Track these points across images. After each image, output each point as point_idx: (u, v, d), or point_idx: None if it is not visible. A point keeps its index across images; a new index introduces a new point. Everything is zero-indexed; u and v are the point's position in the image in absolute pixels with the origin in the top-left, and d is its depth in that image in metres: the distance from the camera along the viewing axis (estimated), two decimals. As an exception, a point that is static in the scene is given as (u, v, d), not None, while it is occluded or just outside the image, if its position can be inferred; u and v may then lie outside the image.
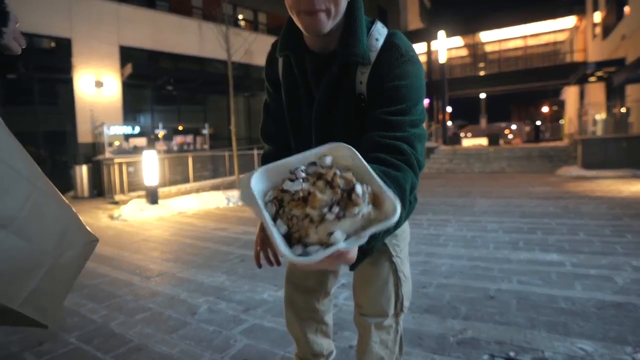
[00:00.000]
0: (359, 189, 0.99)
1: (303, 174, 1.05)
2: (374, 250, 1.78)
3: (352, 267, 1.90)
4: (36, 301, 1.34)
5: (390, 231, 1.62)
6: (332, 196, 0.99)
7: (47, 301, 1.40)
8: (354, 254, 1.04)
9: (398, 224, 1.68)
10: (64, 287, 1.51)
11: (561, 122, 52.79)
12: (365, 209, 0.99)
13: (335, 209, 0.96)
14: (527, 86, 39.58)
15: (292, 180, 1.04)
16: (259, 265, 1.99)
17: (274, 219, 1.02)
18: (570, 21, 36.87)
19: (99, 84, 19.70)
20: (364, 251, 1.38)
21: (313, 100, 1.80)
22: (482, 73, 43.32)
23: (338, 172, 1.04)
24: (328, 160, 1.10)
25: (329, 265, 1.02)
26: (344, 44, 1.66)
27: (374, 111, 1.60)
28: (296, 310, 2.42)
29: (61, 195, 1.49)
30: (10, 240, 1.26)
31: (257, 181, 1.08)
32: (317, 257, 0.91)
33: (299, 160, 1.11)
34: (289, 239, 0.99)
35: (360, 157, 1.09)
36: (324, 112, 1.77)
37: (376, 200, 1.02)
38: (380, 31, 1.78)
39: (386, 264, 2.01)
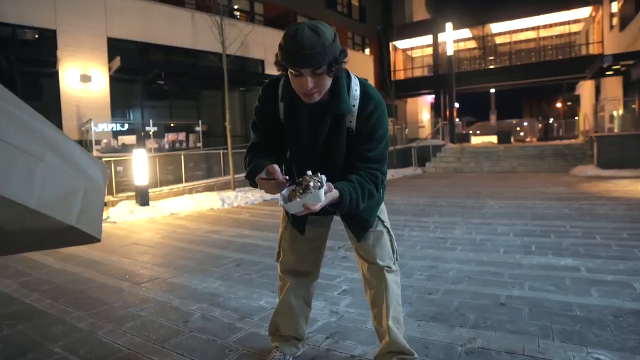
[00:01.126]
0: (310, 185, 2.28)
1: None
2: (338, 213, 2.80)
3: (359, 239, 3.05)
4: (85, 217, 1.66)
5: (338, 207, 2.53)
6: (302, 188, 2.31)
7: (92, 217, 1.72)
8: (315, 208, 2.28)
9: (355, 207, 2.59)
10: (98, 207, 1.84)
11: (576, 118, 52.90)
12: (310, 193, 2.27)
13: (300, 191, 2.30)
14: (540, 80, 39.54)
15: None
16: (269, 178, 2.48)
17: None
18: (585, 11, 36.88)
19: (85, 78, 19.63)
20: (333, 211, 2.67)
21: (315, 134, 2.71)
22: (491, 66, 43.33)
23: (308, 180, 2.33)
24: (307, 176, 2.36)
25: (301, 208, 2.29)
26: (334, 102, 2.60)
27: (358, 146, 2.69)
28: (295, 293, 3.33)
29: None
30: (58, 162, 1.60)
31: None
32: (295, 202, 2.30)
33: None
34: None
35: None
36: (325, 143, 2.73)
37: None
38: (355, 82, 2.73)
39: (383, 230, 3.12)
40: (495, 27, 42.28)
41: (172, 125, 22.47)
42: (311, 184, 2.29)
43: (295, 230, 3.15)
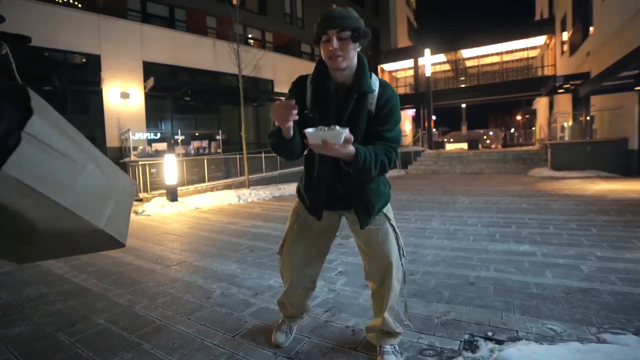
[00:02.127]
0: (337, 127, 2.19)
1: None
2: (352, 172, 2.44)
3: (362, 225, 2.81)
4: (114, 222, 1.61)
5: (352, 164, 2.37)
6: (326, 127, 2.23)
7: (119, 224, 1.66)
8: (332, 147, 2.18)
9: (367, 171, 2.43)
10: (126, 216, 1.78)
11: (533, 128, 52.87)
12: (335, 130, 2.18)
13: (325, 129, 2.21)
14: (503, 97, 39.46)
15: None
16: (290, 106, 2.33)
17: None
18: (541, 40, 36.82)
19: (124, 95, 19.78)
20: (352, 165, 2.37)
21: (340, 112, 2.60)
22: (462, 85, 43.19)
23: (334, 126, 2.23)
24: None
25: (320, 141, 2.17)
26: (358, 81, 2.57)
27: (376, 127, 2.58)
28: (299, 285, 3.13)
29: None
30: (97, 172, 1.57)
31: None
32: (316, 133, 2.19)
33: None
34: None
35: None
36: (348, 120, 2.58)
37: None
38: (374, 77, 2.69)
39: (389, 227, 2.90)
40: (465, 53, 42.22)
41: (196, 134, 22.52)
42: (337, 127, 2.19)
43: (303, 224, 2.99)
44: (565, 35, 29.18)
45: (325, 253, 3.14)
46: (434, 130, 43.65)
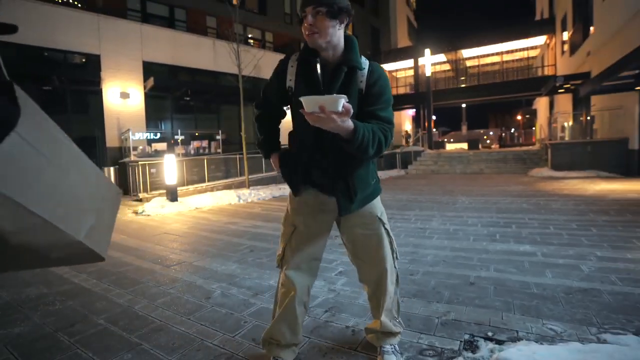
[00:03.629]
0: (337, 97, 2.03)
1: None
2: (350, 148, 2.32)
3: (342, 212, 2.70)
4: (94, 235, 1.44)
5: (351, 141, 2.27)
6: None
7: (100, 237, 1.50)
8: (329, 115, 2.04)
9: (364, 148, 2.34)
10: (108, 227, 1.64)
11: (533, 128, 52.89)
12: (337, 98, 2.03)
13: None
14: (503, 97, 39.40)
15: None
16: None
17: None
18: (541, 39, 36.82)
19: (124, 95, 19.80)
20: (350, 142, 2.27)
21: (329, 90, 2.50)
22: (463, 85, 43.18)
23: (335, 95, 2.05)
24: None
25: (317, 107, 2.03)
26: (348, 56, 2.53)
27: (368, 107, 2.51)
28: (299, 299, 2.84)
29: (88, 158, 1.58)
30: (80, 180, 1.44)
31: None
32: (313, 98, 2.05)
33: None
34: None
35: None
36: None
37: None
38: (364, 59, 2.64)
39: (384, 232, 2.86)
40: (466, 53, 42.22)
41: (196, 134, 22.55)
42: (335, 95, 2.07)
43: (301, 237, 2.82)
44: (566, 35, 29.17)
45: (322, 253, 2.99)
46: (434, 130, 43.62)
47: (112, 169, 17.33)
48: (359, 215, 2.79)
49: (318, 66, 2.54)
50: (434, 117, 42.24)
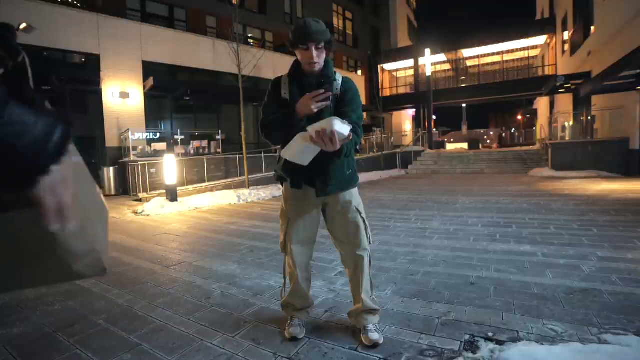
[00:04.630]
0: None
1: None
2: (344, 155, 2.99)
3: (319, 193, 3.20)
4: (99, 247, 1.39)
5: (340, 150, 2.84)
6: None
7: (103, 250, 1.45)
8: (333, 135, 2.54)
9: (348, 155, 3.10)
10: (106, 242, 1.58)
11: (534, 128, 52.87)
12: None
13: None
14: (504, 97, 39.48)
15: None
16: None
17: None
18: (541, 39, 36.88)
19: (124, 95, 19.74)
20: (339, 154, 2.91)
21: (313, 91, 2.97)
22: (463, 85, 43.18)
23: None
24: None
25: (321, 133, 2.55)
26: (326, 73, 3.13)
27: (343, 108, 3.09)
28: (303, 266, 3.48)
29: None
30: (95, 191, 1.45)
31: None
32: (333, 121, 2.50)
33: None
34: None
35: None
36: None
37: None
38: (338, 74, 3.25)
39: (360, 220, 3.32)
40: (466, 52, 42.27)
41: (196, 134, 22.50)
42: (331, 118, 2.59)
43: (296, 226, 3.37)
44: (566, 35, 29.20)
45: (315, 237, 3.52)
46: (434, 130, 43.66)
47: (111, 169, 17.41)
48: (339, 205, 3.32)
49: (311, 82, 3.13)
50: (434, 117, 42.28)
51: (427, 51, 35.06)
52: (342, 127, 2.54)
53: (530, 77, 38.06)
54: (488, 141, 69.66)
